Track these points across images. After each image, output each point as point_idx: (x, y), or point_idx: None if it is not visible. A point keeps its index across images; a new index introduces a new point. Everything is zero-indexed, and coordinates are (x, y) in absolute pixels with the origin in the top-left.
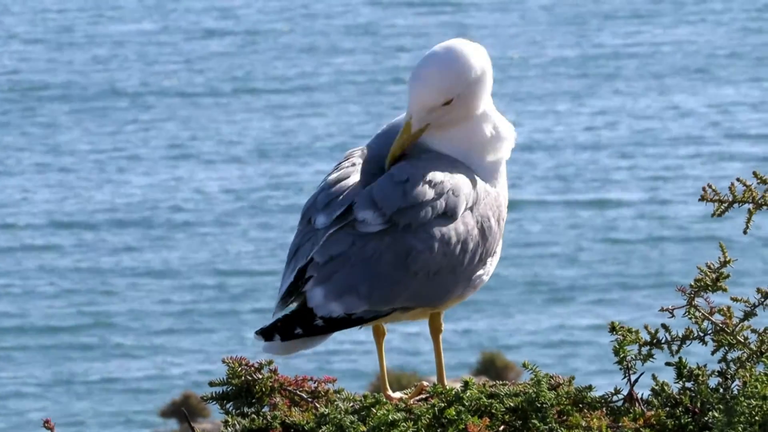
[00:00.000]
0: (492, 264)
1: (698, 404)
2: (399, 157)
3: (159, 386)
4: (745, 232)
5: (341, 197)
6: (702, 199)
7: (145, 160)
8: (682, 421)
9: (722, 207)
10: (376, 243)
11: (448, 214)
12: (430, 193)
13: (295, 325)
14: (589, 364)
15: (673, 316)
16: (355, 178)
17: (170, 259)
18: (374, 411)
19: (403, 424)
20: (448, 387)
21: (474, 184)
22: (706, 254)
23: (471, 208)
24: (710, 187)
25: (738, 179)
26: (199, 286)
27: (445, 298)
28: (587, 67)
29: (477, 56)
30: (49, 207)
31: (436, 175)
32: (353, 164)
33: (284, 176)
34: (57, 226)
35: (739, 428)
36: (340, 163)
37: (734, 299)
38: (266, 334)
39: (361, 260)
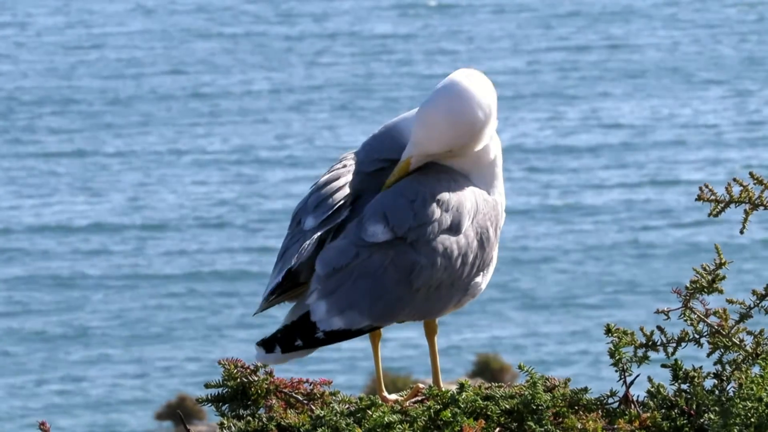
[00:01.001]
0: (490, 271)
1: (694, 406)
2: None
3: (155, 388)
4: (741, 232)
5: (330, 199)
6: (699, 199)
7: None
8: (678, 423)
9: (719, 207)
10: (381, 256)
11: (453, 230)
12: (437, 212)
13: (296, 337)
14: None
15: (668, 318)
16: (346, 180)
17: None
18: (370, 413)
19: (399, 426)
20: (443, 389)
21: (475, 195)
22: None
23: (472, 221)
24: (707, 187)
25: (735, 179)
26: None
27: (443, 310)
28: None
29: (486, 98)
30: None
31: (443, 194)
32: (345, 166)
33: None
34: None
35: (735, 430)
36: (333, 166)
37: (730, 301)
38: (267, 345)
39: (365, 274)
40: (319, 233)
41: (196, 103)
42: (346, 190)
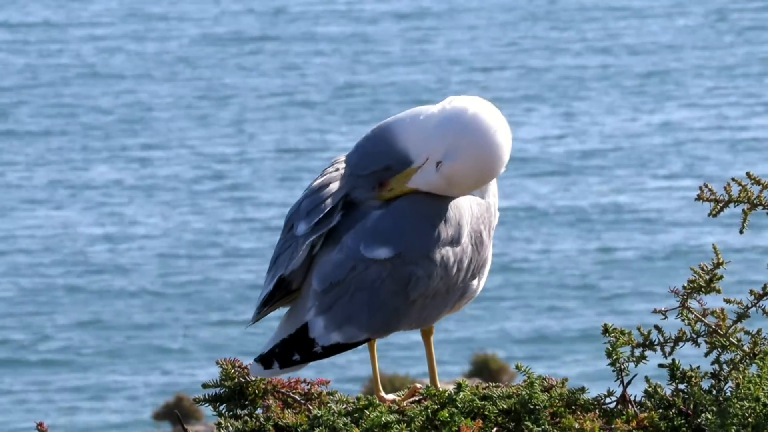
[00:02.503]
0: (485, 274)
1: (691, 406)
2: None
3: (151, 388)
4: (741, 232)
5: (323, 204)
6: (698, 198)
7: None
8: (675, 422)
9: (718, 207)
10: (378, 269)
11: (453, 242)
12: (439, 230)
13: (293, 352)
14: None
15: (665, 317)
16: (339, 184)
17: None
18: (367, 413)
19: (396, 426)
20: (441, 389)
21: (470, 202)
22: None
23: (469, 229)
24: (707, 186)
25: (733, 179)
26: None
27: (438, 317)
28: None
29: (509, 142)
30: None
31: (444, 211)
32: (337, 170)
33: None
34: None
35: (732, 430)
36: (325, 170)
37: (727, 301)
38: (265, 361)
39: (362, 289)
40: (310, 239)
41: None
42: (339, 195)
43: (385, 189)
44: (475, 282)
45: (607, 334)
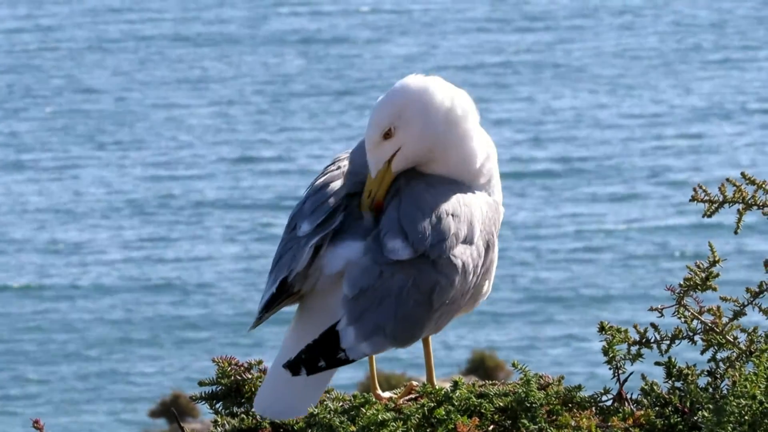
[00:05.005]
0: (492, 274)
1: (688, 404)
2: (397, 179)
3: (148, 386)
4: (736, 232)
5: (326, 204)
6: (693, 199)
7: None
8: (672, 420)
9: (713, 207)
10: (403, 276)
11: (468, 242)
12: (454, 226)
13: (319, 358)
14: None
15: (662, 315)
16: (341, 182)
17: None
18: (364, 411)
19: (393, 423)
20: (437, 387)
21: (479, 201)
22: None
23: (481, 230)
24: (701, 187)
25: (728, 179)
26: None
27: (451, 319)
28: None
29: (420, 87)
30: None
31: (457, 206)
32: (339, 168)
33: None
34: None
35: (729, 428)
36: (327, 168)
37: (723, 299)
38: (293, 367)
39: (389, 296)
40: (314, 240)
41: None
42: (342, 194)
43: (365, 199)
44: (486, 284)
45: (604, 332)
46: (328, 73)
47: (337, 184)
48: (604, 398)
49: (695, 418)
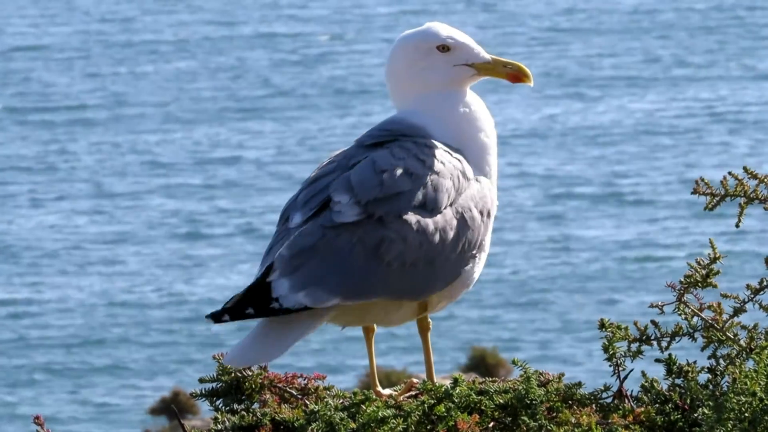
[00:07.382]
0: (480, 259)
1: (688, 401)
2: (386, 142)
3: (148, 385)
4: (737, 226)
5: (319, 196)
6: (694, 192)
7: None
8: (672, 417)
9: (714, 200)
10: (348, 235)
11: (428, 208)
12: (407, 185)
13: (247, 306)
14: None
15: (662, 312)
16: (335, 176)
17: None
18: (364, 408)
19: (393, 420)
20: (437, 384)
21: (458, 175)
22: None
23: (452, 201)
24: (702, 180)
25: (730, 173)
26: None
27: (425, 291)
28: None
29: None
30: None
31: (417, 168)
32: (333, 162)
33: None
34: None
35: (729, 425)
36: (322, 163)
37: (724, 295)
38: (215, 317)
39: (331, 252)
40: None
41: None
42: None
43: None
44: (469, 266)
45: (604, 329)
46: None
47: (331, 177)
48: (604, 395)
49: (695, 415)
